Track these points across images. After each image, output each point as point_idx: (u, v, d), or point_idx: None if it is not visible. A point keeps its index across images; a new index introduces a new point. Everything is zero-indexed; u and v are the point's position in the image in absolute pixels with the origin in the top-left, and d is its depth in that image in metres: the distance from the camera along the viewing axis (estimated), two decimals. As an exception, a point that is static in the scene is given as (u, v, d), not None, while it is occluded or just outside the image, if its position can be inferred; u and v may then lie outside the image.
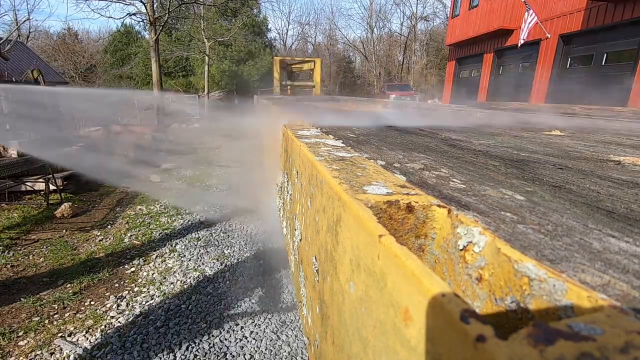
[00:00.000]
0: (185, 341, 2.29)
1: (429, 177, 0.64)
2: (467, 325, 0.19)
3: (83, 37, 28.69)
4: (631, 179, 0.70)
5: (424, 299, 0.23)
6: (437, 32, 31.44)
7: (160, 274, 3.07)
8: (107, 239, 3.71)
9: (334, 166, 0.56)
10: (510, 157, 0.90)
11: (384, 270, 0.30)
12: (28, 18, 18.55)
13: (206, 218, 4.33)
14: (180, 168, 7.04)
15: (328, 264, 0.49)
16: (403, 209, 0.40)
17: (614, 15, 7.74)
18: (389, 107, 3.80)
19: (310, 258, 0.62)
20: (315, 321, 0.59)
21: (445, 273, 0.39)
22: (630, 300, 0.26)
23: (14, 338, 2.24)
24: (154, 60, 9.82)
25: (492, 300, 0.31)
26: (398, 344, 0.27)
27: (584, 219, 0.44)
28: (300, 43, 39.53)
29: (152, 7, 9.61)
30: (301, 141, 0.81)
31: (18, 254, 3.32)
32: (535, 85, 10.11)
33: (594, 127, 2.01)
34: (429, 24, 34.00)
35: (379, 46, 34.75)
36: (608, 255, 0.33)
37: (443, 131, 1.50)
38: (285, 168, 1.11)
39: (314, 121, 1.41)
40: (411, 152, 0.92)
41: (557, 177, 0.69)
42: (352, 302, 0.38)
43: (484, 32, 11.70)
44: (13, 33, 15.00)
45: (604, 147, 1.17)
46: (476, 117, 2.72)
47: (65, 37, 23.96)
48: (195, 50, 19.47)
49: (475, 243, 0.34)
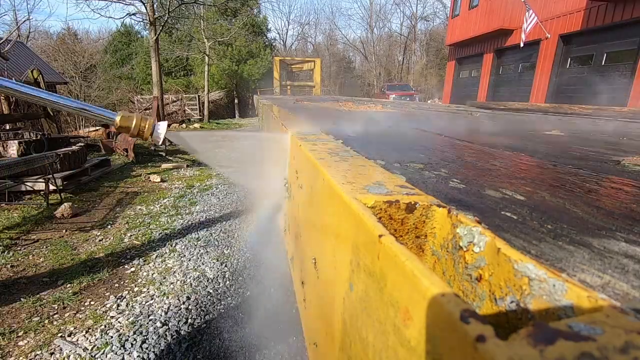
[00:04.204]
0: (185, 341, 2.29)
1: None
2: (467, 325, 0.19)
3: (83, 37, 28.70)
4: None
5: (424, 299, 0.23)
6: (437, 32, 31.44)
7: (160, 274, 3.06)
8: (107, 239, 3.71)
9: (334, 166, 0.56)
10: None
11: (384, 270, 0.30)
12: (28, 18, 18.56)
13: (206, 218, 4.33)
14: (180, 168, 7.04)
15: (328, 264, 0.49)
16: (403, 208, 0.40)
17: (614, 15, 7.74)
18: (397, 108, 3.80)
19: (311, 257, 0.62)
20: (315, 321, 0.59)
21: (445, 273, 0.39)
22: (630, 300, 0.26)
23: (14, 338, 2.24)
24: (154, 60, 9.81)
25: (492, 300, 0.31)
26: (398, 344, 0.27)
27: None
28: (300, 43, 39.56)
29: (152, 7, 9.61)
30: (301, 140, 0.81)
31: (18, 254, 3.32)
32: (535, 85, 10.12)
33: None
34: (429, 24, 34.03)
35: (378, 46, 34.77)
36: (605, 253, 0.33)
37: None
38: (287, 166, 1.11)
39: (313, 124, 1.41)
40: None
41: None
42: (352, 302, 0.38)
43: (484, 32, 11.71)
44: (13, 33, 14.99)
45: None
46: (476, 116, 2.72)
47: (65, 37, 23.96)
48: (195, 50, 19.45)
49: (475, 243, 0.34)
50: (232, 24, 21.59)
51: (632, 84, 7.42)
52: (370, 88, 32.23)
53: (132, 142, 7.31)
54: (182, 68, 23.06)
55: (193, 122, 17.29)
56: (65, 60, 18.57)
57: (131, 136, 0.99)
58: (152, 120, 1.00)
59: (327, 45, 37.32)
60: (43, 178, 4.47)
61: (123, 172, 6.49)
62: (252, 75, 22.86)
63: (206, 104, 18.24)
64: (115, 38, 25.11)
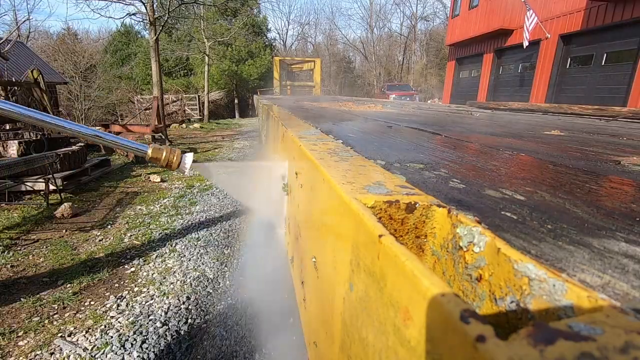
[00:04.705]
0: (185, 341, 2.29)
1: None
2: (467, 325, 0.19)
3: (83, 37, 28.71)
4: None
5: (424, 299, 0.23)
6: (437, 32, 31.45)
7: (160, 274, 3.06)
8: (107, 239, 3.71)
9: (334, 166, 0.56)
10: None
11: (384, 271, 0.30)
12: (28, 18, 18.58)
13: (206, 218, 4.33)
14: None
15: (328, 264, 0.49)
16: (403, 208, 0.40)
17: (614, 15, 7.74)
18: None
19: (310, 257, 0.62)
20: (315, 321, 0.59)
21: (445, 273, 0.39)
22: (630, 300, 0.26)
23: (14, 338, 2.24)
24: (154, 60, 9.81)
25: (492, 300, 0.31)
26: (398, 344, 0.27)
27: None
28: (300, 43, 39.57)
29: (152, 7, 9.60)
30: (301, 140, 0.81)
31: (18, 254, 3.32)
32: (535, 85, 10.12)
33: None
34: (429, 24, 34.05)
35: (378, 46, 34.78)
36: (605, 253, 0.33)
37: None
38: (287, 167, 1.11)
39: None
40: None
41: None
42: (352, 302, 0.38)
43: (484, 32, 11.71)
44: (13, 33, 14.99)
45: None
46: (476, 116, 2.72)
47: (65, 37, 23.96)
48: (195, 50, 19.45)
49: (475, 243, 0.34)
50: (232, 24, 21.59)
51: (632, 84, 7.42)
52: (370, 88, 32.24)
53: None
54: (182, 68, 23.06)
55: (193, 122, 17.29)
56: (65, 60, 18.57)
57: (160, 167, 1.05)
58: (179, 152, 1.04)
59: (327, 45, 37.34)
60: (43, 178, 4.47)
61: (123, 172, 6.49)
62: (252, 75, 22.86)
63: (206, 104, 18.23)
64: (115, 38, 25.11)
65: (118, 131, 8.36)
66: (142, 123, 11.37)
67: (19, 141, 5.19)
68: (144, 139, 9.06)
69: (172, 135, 11.67)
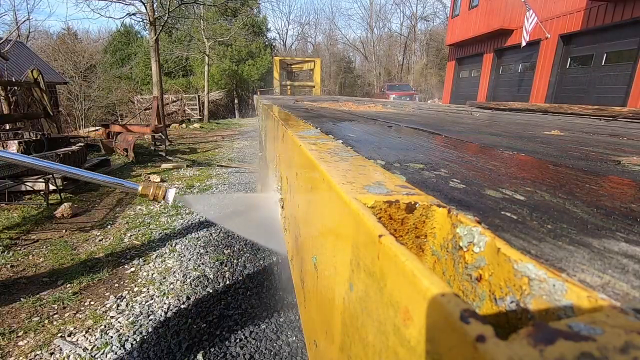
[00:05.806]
0: (185, 341, 2.29)
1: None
2: (467, 325, 0.19)
3: (83, 37, 28.70)
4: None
5: (424, 299, 0.23)
6: (437, 32, 31.45)
7: (160, 274, 3.07)
8: (106, 239, 3.71)
9: (333, 165, 0.56)
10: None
11: (384, 271, 0.30)
12: (28, 18, 18.58)
13: (206, 218, 4.33)
14: (180, 168, 7.04)
15: (328, 264, 0.49)
16: (403, 208, 0.40)
17: (614, 15, 7.74)
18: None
19: (310, 258, 0.62)
20: (315, 321, 0.59)
21: (445, 273, 0.39)
22: (630, 300, 0.26)
23: (14, 338, 2.24)
24: (153, 60, 9.81)
25: (492, 300, 0.31)
26: (398, 344, 0.27)
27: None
28: (300, 43, 39.57)
29: (152, 7, 9.60)
30: (301, 140, 0.81)
31: (18, 254, 3.32)
32: (535, 85, 10.12)
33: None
34: (429, 24, 34.06)
35: (378, 46, 34.79)
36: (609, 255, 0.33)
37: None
38: (287, 166, 1.11)
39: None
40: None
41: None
42: (351, 302, 0.38)
43: (484, 32, 11.71)
44: (13, 33, 14.99)
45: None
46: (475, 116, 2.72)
47: (65, 37, 23.94)
48: (195, 50, 19.44)
49: (475, 243, 0.34)
50: (232, 24, 21.58)
51: (632, 84, 7.42)
52: (370, 88, 32.24)
53: (132, 142, 7.31)
54: (182, 68, 23.05)
55: (193, 122, 17.29)
56: (65, 60, 18.56)
57: (149, 199, 1.28)
58: (164, 188, 1.29)
59: (327, 45, 37.33)
60: (43, 178, 4.47)
61: (123, 172, 6.49)
62: (251, 75, 22.86)
63: (206, 104, 18.23)
64: (115, 38, 25.09)
65: (118, 131, 8.35)
66: (142, 123, 11.36)
67: (19, 141, 5.20)
68: (144, 138, 9.06)
69: (172, 136, 11.67)
